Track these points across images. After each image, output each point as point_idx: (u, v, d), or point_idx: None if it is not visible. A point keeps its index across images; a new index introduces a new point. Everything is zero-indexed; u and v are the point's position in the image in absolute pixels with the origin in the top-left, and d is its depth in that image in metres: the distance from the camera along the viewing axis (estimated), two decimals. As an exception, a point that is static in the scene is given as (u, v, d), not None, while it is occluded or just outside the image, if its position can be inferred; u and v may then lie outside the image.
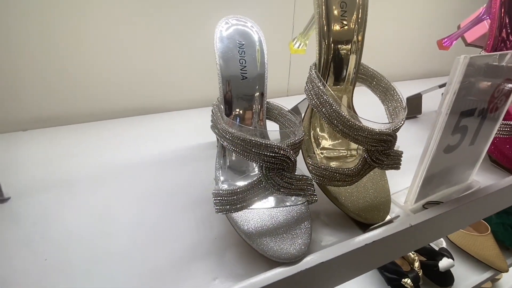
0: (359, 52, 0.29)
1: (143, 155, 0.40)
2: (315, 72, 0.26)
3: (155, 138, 0.45)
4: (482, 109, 0.29)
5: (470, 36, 0.49)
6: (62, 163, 0.38)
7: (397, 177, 0.33)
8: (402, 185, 0.34)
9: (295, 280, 0.23)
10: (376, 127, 0.25)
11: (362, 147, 0.26)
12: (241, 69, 0.29)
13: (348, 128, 0.24)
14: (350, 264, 0.26)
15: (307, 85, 0.27)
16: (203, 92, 0.56)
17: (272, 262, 0.23)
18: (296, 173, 0.25)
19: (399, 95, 0.28)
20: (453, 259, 0.61)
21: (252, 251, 0.24)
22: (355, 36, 0.27)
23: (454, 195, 0.33)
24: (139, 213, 0.29)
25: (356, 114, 0.32)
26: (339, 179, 0.26)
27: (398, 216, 0.30)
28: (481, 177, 0.37)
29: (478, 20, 0.45)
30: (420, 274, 0.60)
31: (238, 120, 0.30)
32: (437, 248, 0.65)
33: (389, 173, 0.32)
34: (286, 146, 0.23)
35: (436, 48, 0.47)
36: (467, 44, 0.50)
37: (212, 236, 0.27)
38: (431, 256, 0.64)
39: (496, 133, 0.33)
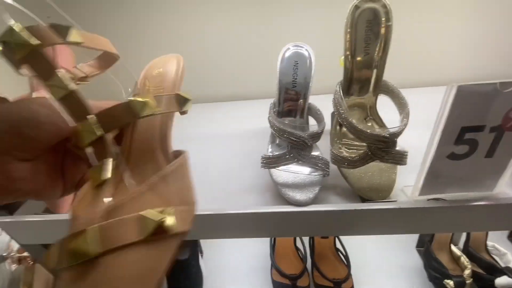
0: (380, 72, 0.38)
1: (231, 130, 0.61)
2: (339, 88, 0.38)
3: (241, 119, 0.66)
4: (494, 126, 0.33)
5: None
6: (188, 129, 0.64)
7: (414, 174, 0.40)
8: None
9: (298, 216, 0.38)
10: (378, 131, 0.35)
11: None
12: (292, 81, 0.43)
13: (353, 130, 0.36)
14: (342, 222, 0.38)
15: (333, 96, 0.39)
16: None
17: (288, 202, 0.39)
18: (313, 153, 0.39)
19: (408, 109, 0.36)
20: (514, 280, 0.57)
21: (279, 194, 0.40)
22: (376, 61, 0.37)
23: (472, 201, 0.38)
24: (224, 163, 0.50)
25: (379, 117, 0.41)
26: (344, 162, 0.38)
27: (395, 201, 0.38)
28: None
29: None
30: (468, 282, 0.60)
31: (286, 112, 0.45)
32: (502, 265, 0.62)
33: (406, 170, 0.39)
34: (306, 135, 0.37)
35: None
36: None
37: (261, 181, 0.44)
38: (490, 270, 0.61)
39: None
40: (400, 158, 0.36)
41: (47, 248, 0.19)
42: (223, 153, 0.54)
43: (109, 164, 0.21)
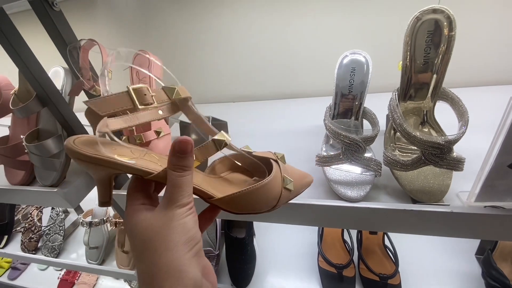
0: (440, 78, 0.39)
1: (286, 127, 0.67)
2: (395, 95, 0.40)
3: (294, 116, 0.71)
4: None
5: None
6: (246, 125, 0.71)
7: (472, 179, 0.40)
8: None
9: (349, 211, 0.42)
10: (435, 138, 0.37)
11: (420, 148, 0.38)
12: (349, 86, 0.47)
13: (407, 136, 0.38)
14: (391, 220, 0.41)
15: (389, 103, 0.41)
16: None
17: (340, 198, 0.43)
18: (366, 155, 0.42)
19: (467, 117, 0.37)
20: None
21: (331, 189, 0.45)
22: (436, 67, 0.38)
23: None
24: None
25: (437, 122, 0.42)
26: (397, 165, 0.40)
27: (448, 205, 0.40)
28: None
29: None
30: (533, 296, 0.56)
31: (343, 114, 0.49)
32: None
33: (464, 176, 0.40)
34: (360, 138, 0.41)
35: None
36: None
37: (315, 177, 0.49)
38: None
39: None
40: (455, 165, 0.38)
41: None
42: (279, 149, 0.60)
43: None
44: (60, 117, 0.48)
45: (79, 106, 0.40)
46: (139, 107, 0.25)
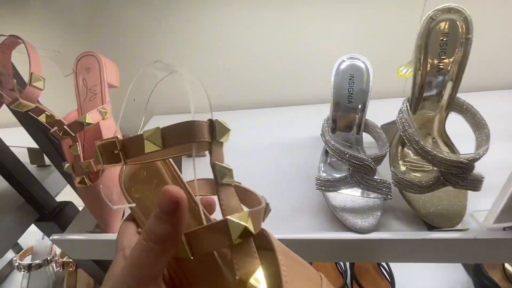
0: (456, 87, 0.34)
1: (274, 139, 0.59)
2: (406, 106, 0.35)
3: (281, 127, 0.63)
4: None
5: None
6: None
7: (484, 197, 0.36)
8: (487, 205, 0.37)
9: (359, 243, 0.35)
10: (454, 155, 0.32)
11: (437, 167, 0.33)
12: (348, 96, 0.41)
13: (425, 153, 0.33)
14: (406, 250, 0.35)
15: (398, 114, 0.36)
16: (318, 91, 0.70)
17: (348, 228, 0.36)
18: (376, 177, 0.36)
19: (487, 131, 0.32)
20: None
21: (335, 217, 0.38)
22: (451, 75, 0.33)
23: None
24: (269, 177, 0.48)
25: (448, 137, 0.38)
26: (412, 188, 0.35)
27: (467, 229, 0.35)
28: None
29: None
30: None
31: (341, 130, 0.42)
32: None
33: (476, 193, 0.36)
34: (370, 158, 0.34)
35: None
36: None
37: (312, 202, 0.42)
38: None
39: None
40: (475, 184, 0.33)
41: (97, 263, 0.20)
42: (267, 166, 0.52)
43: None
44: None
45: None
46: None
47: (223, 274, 0.21)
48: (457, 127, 0.38)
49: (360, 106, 0.41)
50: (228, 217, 0.16)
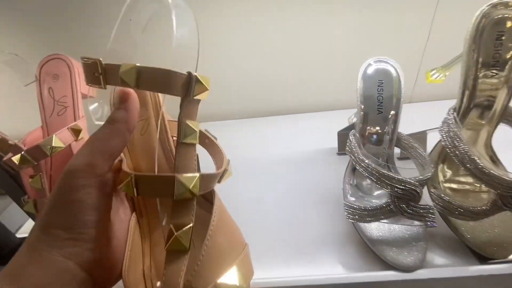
0: (509, 93, 0.29)
1: (278, 151, 0.51)
2: (454, 117, 0.29)
3: (289, 137, 0.55)
4: None
5: None
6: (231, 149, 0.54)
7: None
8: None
9: (401, 284, 0.29)
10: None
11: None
12: (377, 105, 0.35)
13: (481, 174, 0.27)
14: (455, 285, 0.30)
15: (442, 126, 0.30)
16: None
17: (387, 265, 0.30)
18: (419, 202, 0.30)
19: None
20: None
21: (370, 251, 0.32)
22: (505, 78, 0.28)
23: None
24: (282, 199, 0.41)
25: (494, 153, 0.33)
26: (462, 214, 0.29)
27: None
28: None
29: None
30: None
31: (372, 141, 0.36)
32: None
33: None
34: (415, 181, 0.28)
35: None
36: None
37: (335, 230, 0.35)
38: None
39: None
40: (536, 208, 0.28)
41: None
42: (280, 184, 0.44)
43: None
44: None
45: None
46: None
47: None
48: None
49: (391, 116, 0.35)
50: (177, 174, 0.17)
